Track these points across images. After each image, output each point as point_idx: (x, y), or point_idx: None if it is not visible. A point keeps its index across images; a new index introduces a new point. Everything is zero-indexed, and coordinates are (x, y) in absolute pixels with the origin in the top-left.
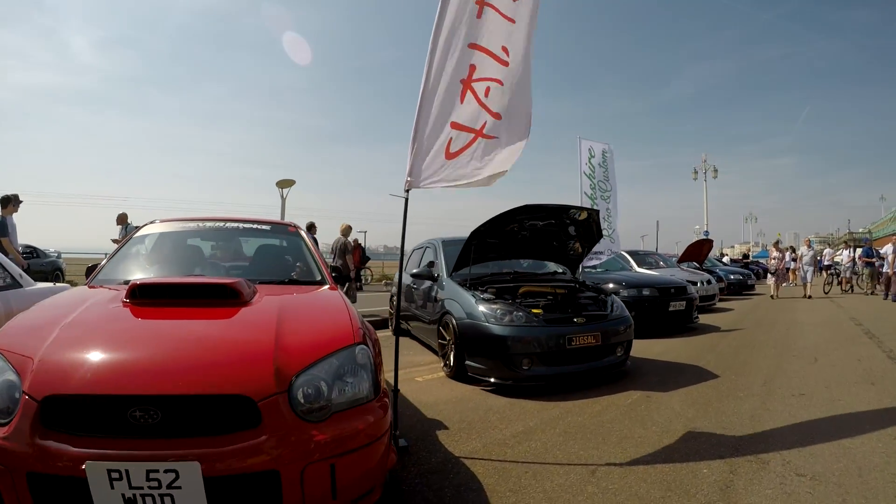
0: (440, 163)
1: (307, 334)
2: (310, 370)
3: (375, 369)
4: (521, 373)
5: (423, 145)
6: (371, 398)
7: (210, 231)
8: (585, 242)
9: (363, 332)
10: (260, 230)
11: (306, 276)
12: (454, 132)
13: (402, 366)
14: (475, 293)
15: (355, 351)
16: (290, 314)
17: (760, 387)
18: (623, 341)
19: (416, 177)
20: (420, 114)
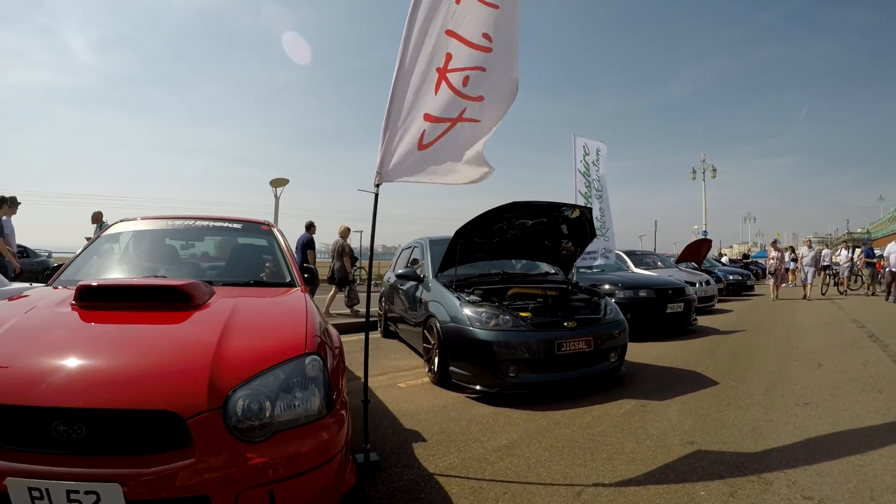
0: (412, 156)
1: (253, 343)
2: (250, 384)
3: (330, 382)
4: (507, 380)
5: (394, 137)
6: (323, 414)
7: (178, 230)
8: (578, 242)
9: (318, 341)
10: (231, 229)
11: (275, 277)
12: (427, 124)
13: (386, 370)
14: (460, 295)
15: (305, 362)
16: (240, 320)
17: (762, 395)
18: (617, 346)
19: (386, 170)
20: (392, 104)
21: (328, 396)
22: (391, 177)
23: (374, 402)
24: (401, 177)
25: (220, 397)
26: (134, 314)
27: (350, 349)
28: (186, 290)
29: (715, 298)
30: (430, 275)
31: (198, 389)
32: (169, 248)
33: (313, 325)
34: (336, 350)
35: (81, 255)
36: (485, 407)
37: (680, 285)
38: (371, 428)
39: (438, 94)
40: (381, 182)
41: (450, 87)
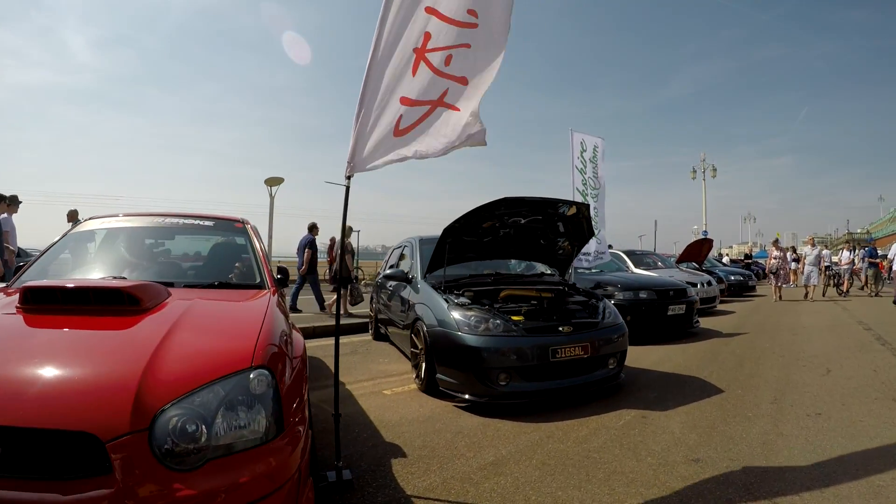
0: (388, 142)
1: (193, 354)
2: (182, 402)
3: (281, 399)
4: (497, 389)
5: (368, 124)
6: (270, 437)
7: (147, 228)
8: (575, 241)
9: (272, 352)
10: (202, 227)
11: (244, 278)
12: (404, 108)
13: (373, 375)
14: (448, 297)
15: (249, 377)
16: (186, 328)
17: (770, 404)
18: (616, 352)
19: (359, 160)
20: (366, 88)
21: (278, 415)
22: (364, 166)
23: (356, 411)
24: (375, 164)
25: (146, 417)
26: (76, 318)
27: (345, 350)
28: (134, 293)
29: (717, 299)
30: (419, 275)
31: (120, 408)
32: (135, 246)
33: (268, 334)
34: (296, 360)
35: (45, 255)
36: (473, 418)
37: (682, 286)
38: (349, 440)
39: (417, 76)
40: (352, 173)
41: (429, 67)
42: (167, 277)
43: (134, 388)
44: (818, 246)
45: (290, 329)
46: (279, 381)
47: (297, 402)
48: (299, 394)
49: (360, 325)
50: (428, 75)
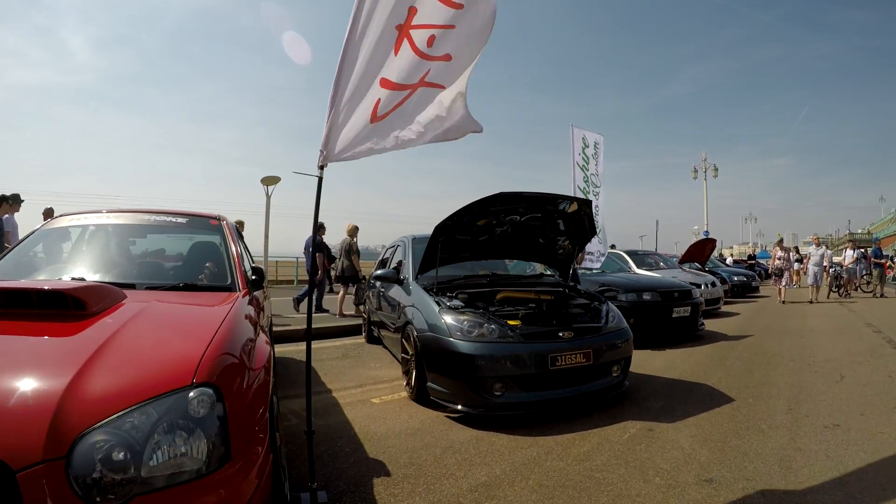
0: (364, 129)
1: (127, 369)
2: (108, 426)
3: (228, 421)
4: (492, 400)
5: (343, 109)
6: (215, 466)
7: (116, 226)
8: (577, 239)
9: (223, 366)
10: (174, 224)
11: (214, 279)
12: (384, 92)
13: (362, 382)
14: (440, 300)
15: (188, 397)
16: (130, 336)
17: (784, 415)
18: (620, 358)
19: (332, 149)
20: (342, 71)
21: (225, 441)
22: (339, 156)
23: (340, 422)
24: (350, 154)
25: (64, 444)
26: (12, 324)
27: (336, 354)
28: (80, 296)
29: (721, 301)
30: (411, 276)
31: (34, 431)
32: (102, 245)
33: (220, 345)
34: (257, 373)
35: (10, 254)
36: (465, 430)
37: (686, 288)
38: (330, 455)
39: (399, 56)
40: (325, 163)
41: (412, 48)
42: (130, 278)
43: (52, 409)
44: (823, 245)
45: (255, 336)
46: (228, 399)
47: (254, 423)
48: (257, 413)
49: (353, 326)
50: (410, 57)
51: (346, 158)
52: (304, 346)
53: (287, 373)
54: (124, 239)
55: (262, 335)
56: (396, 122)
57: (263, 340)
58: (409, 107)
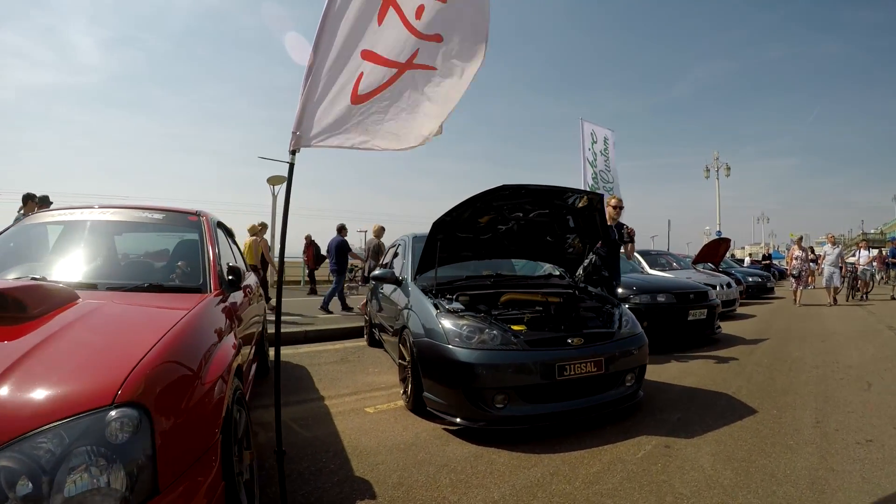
0: (343, 109)
1: (45, 383)
2: (10, 449)
3: (157, 448)
4: (492, 413)
5: (319, 85)
6: (140, 500)
7: (89, 223)
8: (587, 237)
9: (156, 382)
10: (150, 220)
11: (186, 279)
12: (367, 65)
13: (357, 389)
14: (439, 302)
15: (106, 419)
16: (62, 344)
17: (812, 429)
18: (634, 367)
19: (306, 131)
20: (319, 42)
21: (151, 472)
22: (313, 139)
23: (329, 434)
24: (325, 139)
25: None
26: None
27: (334, 358)
28: (20, 298)
29: (736, 302)
30: (409, 277)
31: None
32: (72, 243)
33: (159, 356)
34: (208, 387)
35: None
36: (463, 446)
37: (702, 289)
38: (312, 473)
39: (384, 25)
40: (297, 147)
41: (400, 17)
42: (94, 278)
43: None
44: (838, 245)
45: (217, 342)
46: (160, 421)
47: (198, 447)
48: (204, 434)
49: (356, 329)
50: (397, 28)
51: (323, 145)
52: (305, 349)
53: (282, 377)
54: (96, 236)
55: (228, 341)
56: (381, 109)
57: (229, 347)
58: (397, 91)
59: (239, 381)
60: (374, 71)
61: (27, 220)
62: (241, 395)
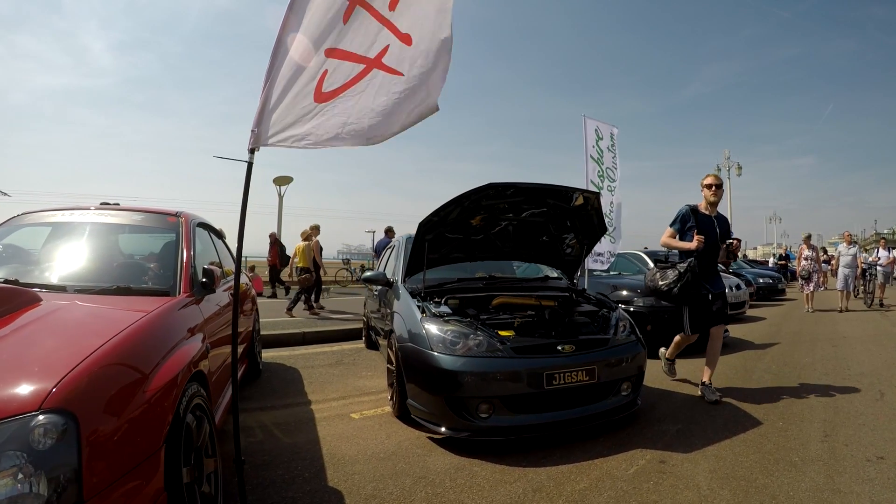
0: (305, 107)
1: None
2: None
3: (82, 456)
4: (477, 422)
5: (280, 83)
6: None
7: (68, 224)
8: (585, 237)
9: (87, 389)
10: (129, 221)
11: (157, 281)
12: (332, 63)
13: (346, 393)
14: (426, 305)
15: (31, 425)
16: (7, 347)
17: (819, 443)
18: (630, 375)
19: (265, 130)
20: (281, 37)
21: (75, 481)
22: (272, 137)
23: (309, 441)
24: (286, 138)
25: None
26: None
27: (329, 361)
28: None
29: (746, 305)
30: (400, 279)
31: None
32: (48, 244)
33: (98, 361)
34: (153, 394)
35: None
36: (446, 456)
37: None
38: (284, 481)
39: (349, 24)
40: (257, 146)
41: (369, 10)
42: (66, 279)
43: None
44: (855, 244)
45: (173, 346)
46: (90, 429)
47: (136, 456)
48: (145, 443)
49: (355, 331)
50: (367, 21)
51: (283, 144)
52: (301, 351)
53: (272, 380)
54: (76, 238)
55: (189, 346)
56: (349, 102)
57: (188, 351)
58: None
59: (199, 387)
60: (340, 68)
61: (12, 221)
62: (201, 402)
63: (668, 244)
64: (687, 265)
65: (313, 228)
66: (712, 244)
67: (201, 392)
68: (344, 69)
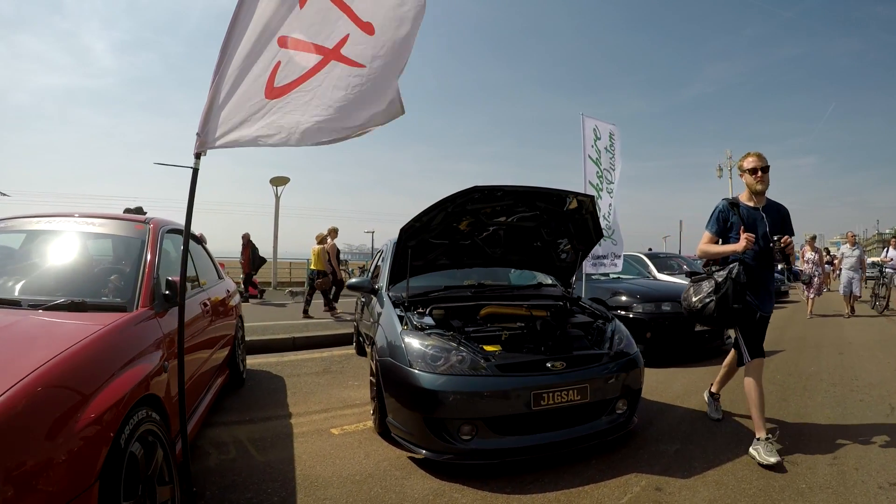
0: (255, 104)
1: None
2: None
3: None
4: (458, 445)
5: (228, 81)
6: None
7: (30, 232)
8: (580, 243)
9: (6, 422)
10: (95, 231)
11: (116, 294)
12: (286, 54)
13: (329, 405)
14: (408, 316)
15: None
16: None
17: (828, 467)
18: (626, 393)
19: (212, 130)
20: (232, 30)
21: None
22: (219, 139)
23: (282, 459)
24: (235, 140)
25: None
26: None
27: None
28: None
29: None
30: (385, 286)
31: None
32: (22, 254)
33: (19, 394)
34: (79, 427)
35: None
36: (426, 480)
37: None
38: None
39: (306, 8)
40: (202, 150)
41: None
42: (22, 293)
43: None
44: (858, 246)
45: (116, 371)
46: (4, 469)
47: (54, 496)
48: (68, 481)
49: (347, 336)
50: (325, 7)
51: (230, 144)
52: (290, 357)
53: (255, 390)
54: (36, 247)
55: (141, 366)
56: (304, 99)
57: (138, 373)
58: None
59: (151, 411)
60: (294, 59)
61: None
62: (153, 428)
63: (708, 252)
64: (727, 272)
65: (330, 231)
66: (762, 249)
67: (153, 416)
68: (298, 61)
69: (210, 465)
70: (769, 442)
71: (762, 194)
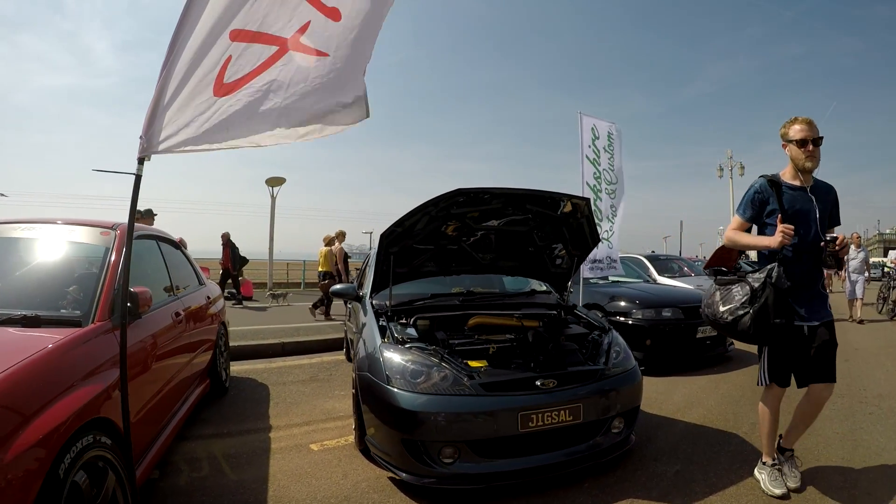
0: (203, 103)
1: None
2: None
3: None
4: (439, 469)
5: (174, 78)
6: None
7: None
8: (576, 248)
9: None
10: (59, 238)
11: (74, 306)
12: (238, 47)
13: (311, 418)
14: (390, 326)
15: None
16: None
17: (838, 490)
18: (623, 411)
19: (156, 133)
20: (181, 25)
21: None
22: (163, 143)
23: (257, 479)
24: (181, 143)
25: None
26: None
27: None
28: None
29: None
30: (368, 293)
31: None
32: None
33: None
34: (8, 460)
35: None
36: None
37: None
38: None
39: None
40: (147, 154)
41: None
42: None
43: None
44: (863, 248)
45: (59, 394)
46: None
47: None
48: None
49: (339, 340)
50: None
51: (177, 149)
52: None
53: (237, 400)
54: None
55: (88, 388)
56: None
57: (88, 393)
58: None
59: (101, 435)
60: (247, 52)
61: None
62: (103, 453)
63: (736, 242)
64: (765, 277)
65: (338, 234)
66: (811, 240)
67: (102, 441)
68: (252, 53)
69: (180, 483)
70: (776, 469)
71: (810, 172)
